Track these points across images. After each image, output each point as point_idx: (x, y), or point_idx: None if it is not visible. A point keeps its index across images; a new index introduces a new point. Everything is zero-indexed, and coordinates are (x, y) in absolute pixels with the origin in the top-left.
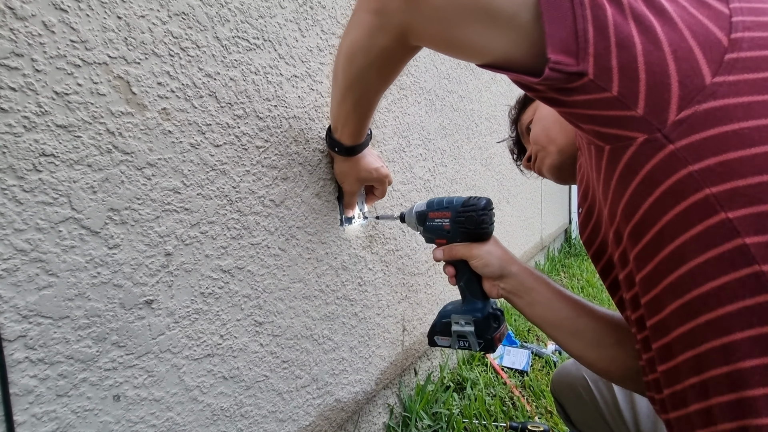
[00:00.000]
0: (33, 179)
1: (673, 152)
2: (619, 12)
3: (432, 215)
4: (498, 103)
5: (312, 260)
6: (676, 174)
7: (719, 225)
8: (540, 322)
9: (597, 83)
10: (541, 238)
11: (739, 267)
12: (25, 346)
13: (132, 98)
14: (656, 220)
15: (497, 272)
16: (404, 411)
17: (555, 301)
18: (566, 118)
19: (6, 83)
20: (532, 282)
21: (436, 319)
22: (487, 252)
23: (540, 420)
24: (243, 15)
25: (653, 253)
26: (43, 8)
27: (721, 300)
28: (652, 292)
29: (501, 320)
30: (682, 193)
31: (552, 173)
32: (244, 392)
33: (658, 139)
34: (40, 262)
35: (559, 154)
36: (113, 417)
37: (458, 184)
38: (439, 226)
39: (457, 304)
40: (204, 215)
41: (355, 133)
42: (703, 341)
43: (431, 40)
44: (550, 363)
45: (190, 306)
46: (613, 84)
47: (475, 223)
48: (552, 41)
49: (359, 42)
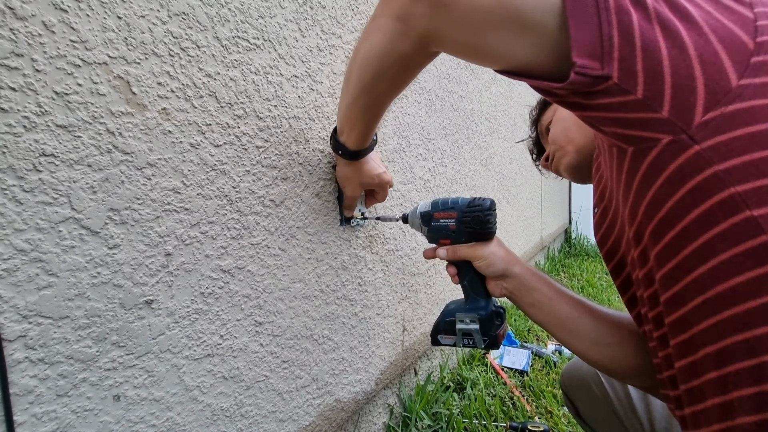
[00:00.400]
0: (33, 179)
1: (698, 152)
2: (645, 17)
3: (437, 215)
4: (498, 103)
5: (312, 260)
6: (701, 174)
7: (744, 222)
8: (542, 320)
9: (621, 86)
10: (541, 238)
11: (763, 263)
12: (25, 346)
13: (132, 98)
14: (680, 218)
15: (501, 272)
16: (404, 411)
17: (557, 301)
18: (587, 121)
19: (6, 83)
20: (534, 282)
21: (440, 318)
22: (491, 252)
23: (540, 420)
24: (243, 15)
25: (676, 251)
26: (43, 8)
27: (745, 295)
28: (673, 289)
29: (503, 318)
30: (706, 192)
31: (569, 172)
32: (244, 392)
33: (683, 140)
34: (40, 262)
35: (577, 154)
36: (113, 417)
37: (458, 184)
38: (445, 226)
39: (460, 303)
40: (204, 215)
41: (361, 138)
42: (726, 336)
43: (454, 46)
44: (550, 363)
45: (190, 306)
46: (638, 87)
47: (481, 222)
48: (577, 46)
49: (379, 47)
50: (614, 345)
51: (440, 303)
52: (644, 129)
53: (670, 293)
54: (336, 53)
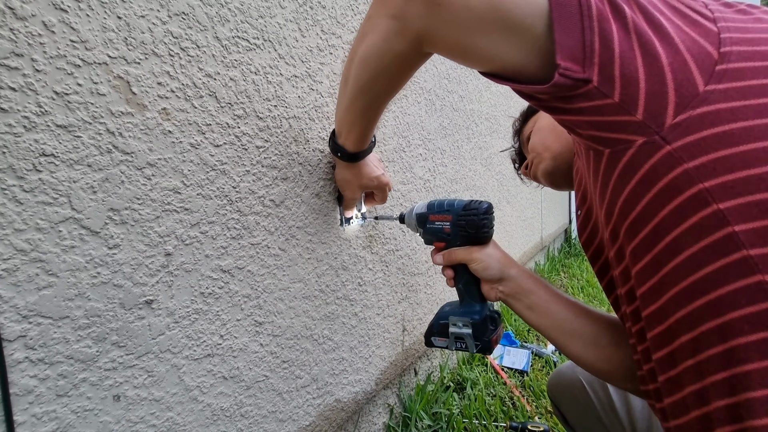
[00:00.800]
0: (33, 179)
1: (669, 152)
2: (623, 27)
3: (432, 218)
4: (498, 103)
5: (312, 260)
6: (673, 171)
7: (712, 216)
8: (538, 324)
9: (600, 90)
10: (541, 238)
11: (729, 253)
12: (25, 346)
13: (132, 98)
14: (654, 214)
15: (497, 275)
16: (404, 411)
17: (553, 304)
18: (566, 125)
19: (6, 83)
20: (530, 285)
21: (434, 320)
22: (487, 255)
23: (540, 420)
24: (243, 15)
25: (650, 246)
26: (43, 8)
27: (714, 284)
28: (648, 283)
29: (498, 323)
30: (678, 188)
31: (545, 178)
32: (244, 392)
33: (656, 141)
34: (40, 262)
35: (553, 161)
36: (113, 417)
37: (458, 184)
38: (440, 228)
39: (455, 306)
40: (204, 215)
41: (360, 139)
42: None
43: (446, 46)
44: (550, 363)
45: (190, 306)
46: (615, 91)
47: (476, 226)
48: (561, 49)
49: (375, 46)
50: (611, 345)
51: (440, 303)
52: (620, 131)
53: (646, 287)
54: (336, 53)
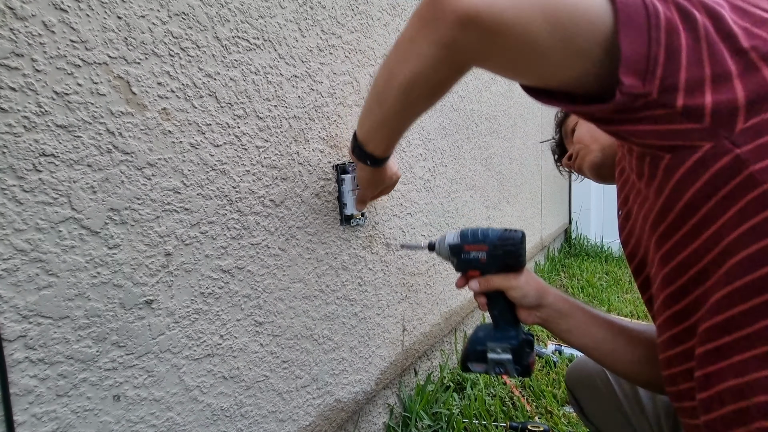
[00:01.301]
0: (33, 179)
1: (737, 155)
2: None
3: (468, 248)
4: (498, 103)
5: (312, 260)
6: (740, 175)
7: None
8: (579, 345)
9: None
10: (541, 238)
11: None
12: (25, 346)
13: (132, 98)
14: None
15: (535, 302)
16: (404, 411)
17: (591, 325)
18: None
19: (6, 83)
20: (567, 309)
21: (469, 347)
22: (525, 283)
23: (540, 420)
24: (243, 15)
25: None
26: (43, 8)
27: None
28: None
29: (533, 345)
30: (742, 192)
31: (592, 170)
32: (244, 392)
33: (725, 146)
34: (40, 262)
35: (602, 152)
36: (113, 417)
37: (458, 184)
38: (476, 258)
39: (489, 331)
40: (204, 215)
41: (390, 147)
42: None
43: (498, 68)
44: (550, 363)
45: (190, 306)
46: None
47: (514, 256)
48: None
49: (423, 75)
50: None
51: (440, 303)
52: (684, 139)
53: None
54: (336, 53)
